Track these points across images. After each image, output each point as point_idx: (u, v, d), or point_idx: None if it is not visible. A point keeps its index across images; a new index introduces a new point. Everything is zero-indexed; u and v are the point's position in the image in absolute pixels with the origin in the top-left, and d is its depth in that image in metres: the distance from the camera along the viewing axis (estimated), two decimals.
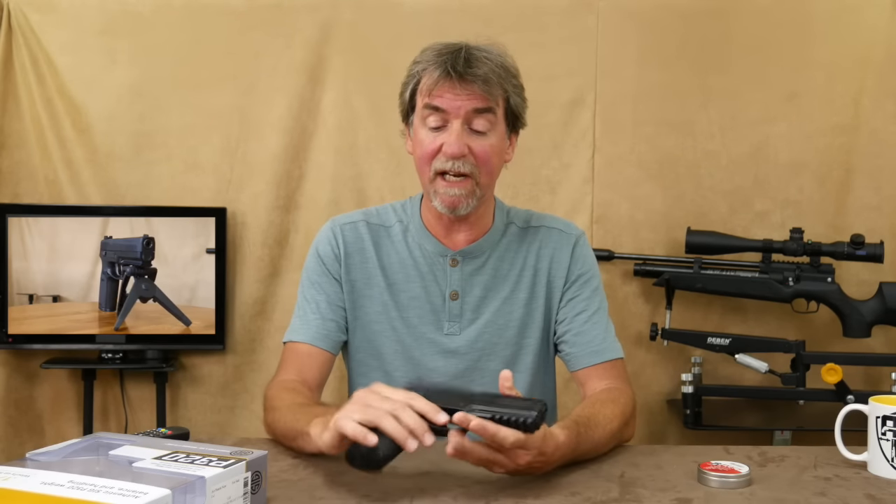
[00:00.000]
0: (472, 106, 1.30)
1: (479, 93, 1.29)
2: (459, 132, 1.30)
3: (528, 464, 1.04)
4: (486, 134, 1.32)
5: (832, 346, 2.28)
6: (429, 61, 1.31)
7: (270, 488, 1.01)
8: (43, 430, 2.38)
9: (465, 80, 1.28)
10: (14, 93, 2.35)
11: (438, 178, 1.32)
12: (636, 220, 2.34)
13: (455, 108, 1.29)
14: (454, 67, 1.28)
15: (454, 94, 1.29)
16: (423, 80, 1.31)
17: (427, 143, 1.32)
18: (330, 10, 2.35)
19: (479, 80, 1.28)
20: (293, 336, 1.40)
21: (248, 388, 2.37)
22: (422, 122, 1.33)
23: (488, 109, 1.31)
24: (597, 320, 1.42)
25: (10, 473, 0.83)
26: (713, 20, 2.33)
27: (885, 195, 2.31)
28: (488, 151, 1.32)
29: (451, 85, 1.29)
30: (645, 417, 2.32)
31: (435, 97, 1.30)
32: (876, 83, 2.30)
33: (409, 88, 1.35)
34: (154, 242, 2.28)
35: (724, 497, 1.04)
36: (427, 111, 1.32)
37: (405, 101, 1.37)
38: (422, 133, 1.33)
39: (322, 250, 1.44)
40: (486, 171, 1.34)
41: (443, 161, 1.31)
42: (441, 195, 1.33)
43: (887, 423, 1.12)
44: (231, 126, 2.37)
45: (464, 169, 1.31)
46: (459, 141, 1.29)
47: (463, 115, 1.30)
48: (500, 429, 0.99)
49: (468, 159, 1.31)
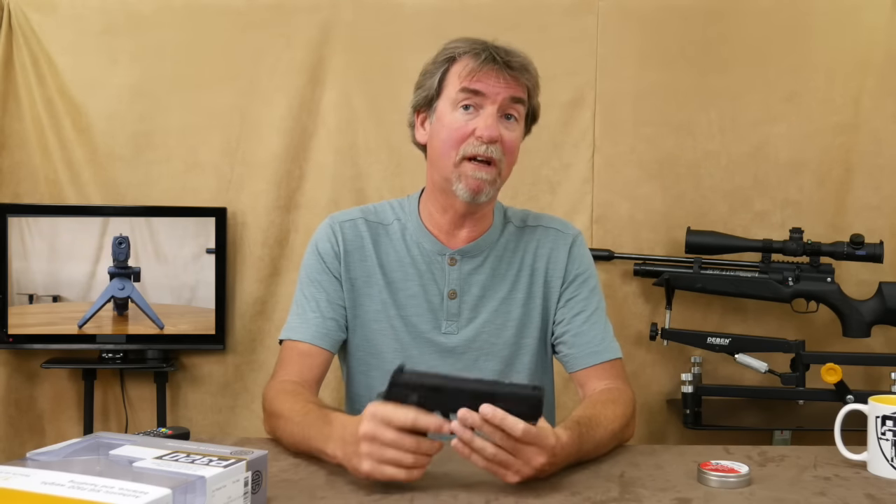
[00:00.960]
0: (509, 94, 1.32)
1: (517, 82, 1.32)
2: (495, 116, 1.31)
3: (542, 467, 1.04)
4: (515, 124, 1.34)
5: (832, 346, 2.28)
6: (464, 48, 1.33)
7: (271, 488, 1.01)
8: (43, 430, 2.39)
9: (508, 67, 1.31)
10: (14, 93, 2.35)
11: (465, 161, 1.32)
12: (636, 220, 2.34)
13: (495, 93, 1.31)
14: (497, 54, 1.31)
15: (496, 80, 1.30)
16: (460, 64, 1.32)
17: (457, 127, 1.32)
18: (330, 10, 2.35)
19: (521, 67, 1.32)
20: (292, 334, 1.39)
21: (248, 387, 2.37)
22: (453, 105, 1.33)
23: (521, 100, 1.34)
24: (595, 320, 1.42)
25: (11, 473, 0.83)
26: (713, 20, 2.33)
27: (884, 195, 2.31)
28: (515, 142, 1.35)
29: (496, 70, 1.30)
30: (645, 417, 2.32)
31: (476, 81, 1.31)
32: (876, 83, 2.31)
33: (439, 73, 1.35)
34: (128, 242, 2.27)
35: (724, 497, 1.04)
36: (464, 94, 1.32)
37: (431, 86, 1.36)
38: (451, 117, 1.33)
39: (322, 248, 1.43)
40: (510, 161, 1.35)
41: (475, 145, 1.31)
42: (467, 178, 1.32)
43: (887, 423, 1.12)
44: (231, 126, 2.37)
45: (494, 154, 1.31)
46: (496, 125, 1.31)
47: (500, 101, 1.31)
48: (507, 416, 0.99)
49: (498, 146, 1.32)
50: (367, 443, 1.01)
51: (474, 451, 1.01)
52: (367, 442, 1.01)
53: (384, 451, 1.00)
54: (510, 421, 0.99)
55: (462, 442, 1.01)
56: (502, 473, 1.03)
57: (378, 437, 1.00)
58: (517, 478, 1.03)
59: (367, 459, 1.01)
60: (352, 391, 1.46)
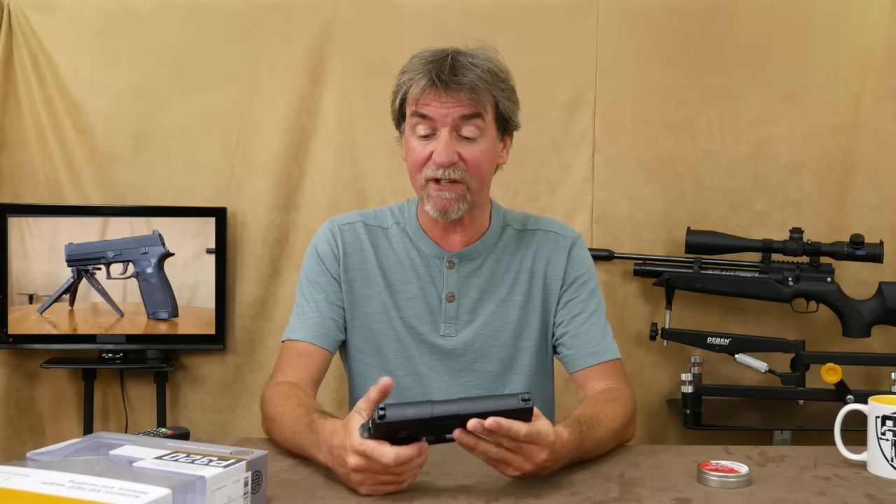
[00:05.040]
0: (458, 113, 1.30)
1: (465, 100, 1.29)
2: (448, 140, 1.30)
3: (543, 463, 1.04)
4: (475, 140, 1.32)
5: (832, 346, 2.28)
6: (415, 70, 1.32)
7: (270, 488, 1.01)
8: (43, 430, 2.39)
9: (450, 89, 1.28)
10: (14, 93, 2.35)
11: (430, 182, 1.33)
12: (636, 220, 2.34)
13: (442, 116, 1.30)
14: (439, 76, 1.28)
15: (440, 103, 1.29)
16: (411, 89, 1.32)
17: (417, 152, 1.33)
18: (330, 10, 2.35)
19: (465, 87, 1.29)
20: (291, 335, 1.40)
21: (248, 387, 2.37)
22: (411, 130, 1.34)
23: (476, 115, 1.31)
24: (595, 321, 1.43)
25: (11, 473, 0.83)
26: (713, 20, 2.33)
27: (884, 195, 2.31)
28: (479, 157, 1.33)
29: (437, 94, 1.29)
30: (645, 417, 2.32)
31: (422, 106, 1.30)
32: (876, 83, 2.30)
33: (399, 98, 1.36)
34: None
35: (724, 497, 1.04)
36: (415, 119, 1.32)
37: (395, 109, 1.38)
38: (412, 142, 1.34)
39: (321, 249, 1.44)
40: (477, 176, 1.34)
41: (433, 169, 1.31)
42: (433, 199, 1.33)
43: (887, 423, 1.12)
44: (231, 126, 2.37)
45: (455, 175, 1.31)
46: (448, 149, 1.30)
47: (450, 122, 1.30)
48: (513, 423, 0.99)
49: (459, 166, 1.31)
50: (359, 474, 1.01)
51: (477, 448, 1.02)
52: (358, 473, 1.01)
53: (377, 478, 1.01)
54: (515, 428, 0.99)
55: (467, 446, 1.02)
56: (503, 468, 1.05)
57: (367, 469, 1.00)
58: (518, 473, 1.04)
59: (363, 486, 1.02)
60: (354, 392, 1.47)
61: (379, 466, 0.99)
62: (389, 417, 0.96)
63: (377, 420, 0.96)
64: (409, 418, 0.97)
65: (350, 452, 1.00)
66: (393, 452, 0.98)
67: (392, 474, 1.00)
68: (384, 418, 0.96)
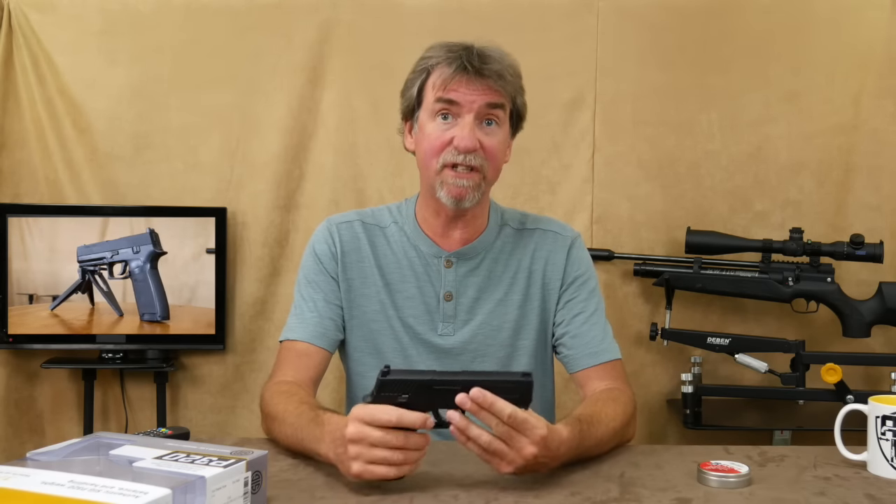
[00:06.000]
0: (485, 100, 1.31)
1: (493, 88, 1.31)
2: (472, 126, 1.31)
3: (534, 458, 1.04)
4: (495, 129, 1.34)
5: (832, 346, 2.28)
6: (440, 56, 1.33)
7: (270, 488, 1.01)
8: (43, 430, 2.39)
9: (481, 75, 1.30)
10: (14, 93, 2.35)
11: (447, 169, 1.33)
12: (636, 220, 2.34)
13: (469, 101, 1.31)
14: (470, 62, 1.30)
15: (469, 89, 1.30)
16: (435, 74, 1.33)
17: (436, 136, 1.33)
18: (330, 10, 2.35)
19: (495, 75, 1.31)
20: (290, 335, 1.40)
21: (248, 387, 2.37)
22: (431, 115, 1.34)
23: (500, 105, 1.33)
24: (594, 321, 1.43)
25: (11, 473, 0.83)
26: (713, 20, 2.33)
27: (884, 195, 2.31)
28: (497, 147, 1.34)
29: (468, 79, 1.30)
30: (645, 417, 2.32)
31: (450, 91, 1.31)
32: (876, 83, 2.30)
33: (418, 83, 1.36)
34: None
35: (724, 497, 1.04)
36: (440, 105, 1.32)
37: (411, 96, 1.37)
38: (430, 126, 1.34)
39: (319, 249, 1.44)
40: (494, 166, 1.35)
41: (453, 154, 1.31)
42: (448, 185, 1.33)
43: (887, 423, 1.12)
44: (231, 126, 2.37)
45: (474, 162, 1.32)
46: (472, 135, 1.31)
47: (476, 109, 1.31)
48: (498, 399, 1.01)
49: (479, 153, 1.32)
50: (355, 445, 1.01)
51: (470, 439, 1.03)
52: (354, 444, 1.01)
53: (372, 452, 1.01)
54: (499, 404, 1.00)
55: (459, 430, 1.02)
56: (496, 463, 1.04)
57: (364, 437, 1.00)
58: (510, 468, 1.04)
59: (356, 461, 1.01)
60: (352, 391, 1.47)
61: (375, 435, 0.99)
62: (393, 375, 1.01)
63: (380, 378, 1.00)
64: (411, 378, 1.01)
65: (350, 422, 1.01)
66: (396, 411, 1.00)
67: (385, 447, 1.00)
68: (388, 374, 1.01)
